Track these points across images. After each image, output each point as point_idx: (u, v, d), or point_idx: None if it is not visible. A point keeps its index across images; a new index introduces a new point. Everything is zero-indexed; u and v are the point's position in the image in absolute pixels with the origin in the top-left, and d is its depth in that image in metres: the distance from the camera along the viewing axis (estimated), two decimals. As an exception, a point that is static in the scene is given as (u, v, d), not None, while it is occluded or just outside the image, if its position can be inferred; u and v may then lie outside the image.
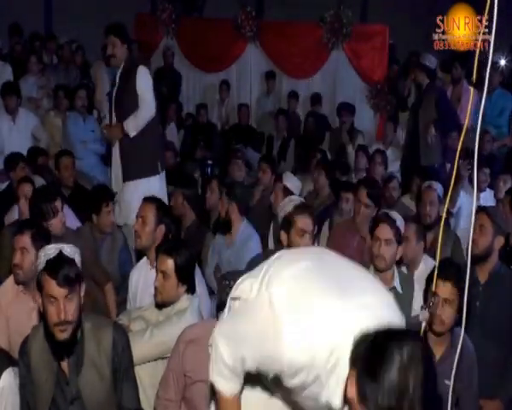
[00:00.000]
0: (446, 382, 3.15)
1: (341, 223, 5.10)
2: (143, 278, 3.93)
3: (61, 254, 2.71)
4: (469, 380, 3.19)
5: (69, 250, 2.76)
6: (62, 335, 2.70)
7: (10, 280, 3.57)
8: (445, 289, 3.08)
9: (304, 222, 3.71)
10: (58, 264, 2.68)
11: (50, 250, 2.74)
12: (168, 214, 4.18)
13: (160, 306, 3.42)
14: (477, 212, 3.72)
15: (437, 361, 3.21)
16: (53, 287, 2.66)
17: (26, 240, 3.48)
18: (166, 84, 9.32)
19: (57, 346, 2.76)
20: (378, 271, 3.71)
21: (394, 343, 1.66)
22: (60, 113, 7.45)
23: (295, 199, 4.14)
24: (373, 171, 6.50)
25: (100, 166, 7.15)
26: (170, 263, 3.34)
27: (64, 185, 5.78)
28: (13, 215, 4.98)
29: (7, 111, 6.89)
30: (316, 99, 9.28)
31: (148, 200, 4.11)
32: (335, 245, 4.41)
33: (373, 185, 4.91)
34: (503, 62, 8.09)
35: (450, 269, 3.10)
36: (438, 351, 3.22)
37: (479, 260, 3.71)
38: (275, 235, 5.04)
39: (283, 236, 3.82)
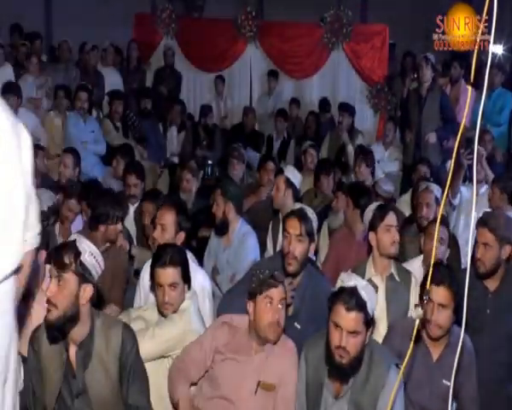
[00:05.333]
0: (445, 382, 3.15)
1: (336, 234, 5.00)
2: None
3: (70, 241, 2.87)
4: (468, 377, 3.19)
5: (82, 242, 2.83)
6: (48, 314, 2.75)
7: (10, 280, 3.57)
8: (438, 294, 3.08)
9: (289, 224, 3.68)
10: (59, 246, 2.92)
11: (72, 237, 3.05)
12: (188, 219, 4.02)
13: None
14: (478, 227, 3.68)
15: (434, 362, 3.22)
16: None
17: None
18: (166, 85, 9.31)
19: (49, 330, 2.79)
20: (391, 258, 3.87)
21: None
22: (60, 113, 7.43)
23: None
24: (358, 171, 6.28)
25: (100, 167, 7.14)
26: (178, 272, 3.33)
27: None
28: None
29: (7, 111, 6.86)
30: (324, 105, 9.19)
31: (168, 205, 3.95)
32: (337, 257, 4.66)
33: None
34: (500, 51, 7.90)
35: (441, 273, 3.10)
36: (435, 352, 3.22)
37: (487, 275, 3.70)
38: (273, 233, 5.03)
39: None
